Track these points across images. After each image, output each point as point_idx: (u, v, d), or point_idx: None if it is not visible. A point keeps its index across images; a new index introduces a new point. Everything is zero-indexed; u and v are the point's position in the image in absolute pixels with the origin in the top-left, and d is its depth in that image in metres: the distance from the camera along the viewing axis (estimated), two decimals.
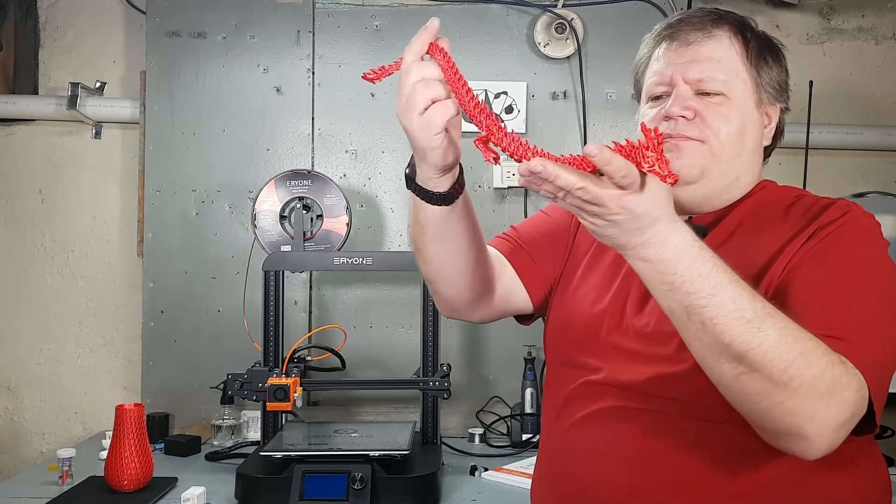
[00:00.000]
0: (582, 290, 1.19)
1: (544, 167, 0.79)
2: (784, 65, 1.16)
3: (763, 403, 0.87)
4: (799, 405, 0.86)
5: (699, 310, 0.85)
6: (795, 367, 0.84)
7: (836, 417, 0.87)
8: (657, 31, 1.15)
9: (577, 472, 1.10)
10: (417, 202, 1.02)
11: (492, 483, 1.86)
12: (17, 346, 2.46)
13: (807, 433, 0.87)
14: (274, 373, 1.85)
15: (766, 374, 0.85)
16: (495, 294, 1.19)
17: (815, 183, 2.15)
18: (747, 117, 1.10)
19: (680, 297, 0.86)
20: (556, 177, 0.79)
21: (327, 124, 2.37)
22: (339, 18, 2.37)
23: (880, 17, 2.53)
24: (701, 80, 1.08)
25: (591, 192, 0.80)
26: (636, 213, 0.82)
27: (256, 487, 1.67)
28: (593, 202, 0.81)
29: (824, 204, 1.07)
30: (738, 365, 0.85)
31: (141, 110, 2.38)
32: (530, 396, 2.25)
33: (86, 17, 2.47)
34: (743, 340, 0.84)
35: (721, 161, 1.09)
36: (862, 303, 0.96)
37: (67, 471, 1.81)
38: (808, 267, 1.00)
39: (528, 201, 2.34)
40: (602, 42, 2.36)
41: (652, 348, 1.07)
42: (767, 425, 0.90)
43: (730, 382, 0.88)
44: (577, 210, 0.84)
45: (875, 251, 1.02)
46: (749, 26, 1.14)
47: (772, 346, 0.84)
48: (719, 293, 0.85)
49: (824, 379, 0.85)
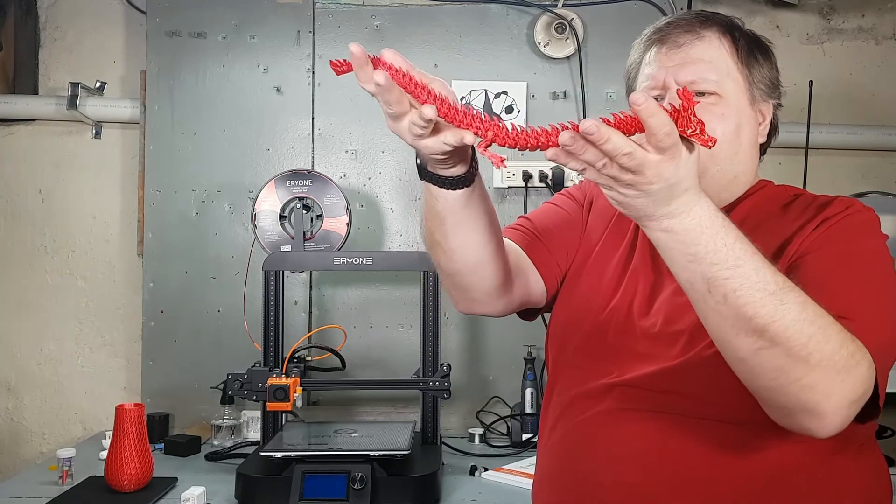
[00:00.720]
0: (589, 288, 1.19)
1: (598, 129, 0.74)
2: (774, 62, 1.17)
3: (780, 380, 0.86)
4: (817, 381, 0.85)
5: (721, 282, 0.83)
6: (815, 342, 0.84)
7: (851, 393, 0.87)
8: (647, 36, 1.16)
9: (583, 472, 1.10)
10: (435, 192, 0.99)
11: (492, 483, 1.86)
12: (17, 346, 2.46)
13: (822, 409, 0.86)
14: (274, 373, 1.85)
15: (786, 348, 0.84)
16: (515, 284, 1.17)
17: (815, 183, 2.15)
18: (742, 115, 1.11)
19: (703, 268, 0.84)
20: (608, 139, 0.75)
21: (327, 124, 2.37)
22: (339, 18, 2.37)
23: (880, 17, 2.53)
24: (693, 82, 1.09)
25: (637, 158, 0.77)
26: (671, 181, 0.80)
27: (256, 487, 1.67)
28: (635, 170, 0.78)
29: (825, 200, 1.08)
30: (759, 339, 0.84)
31: (141, 110, 2.38)
32: (530, 396, 2.25)
33: (86, 17, 2.47)
34: (766, 313, 0.83)
35: (719, 160, 1.09)
36: (868, 287, 0.97)
37: (67, 471, 1.81)
38: (816, 252, 1.00)
39: (528, 201, 2.34)
40: (602, 42, 2.36)
41: (659, 349, 1.07)
42: (782, 402, 0.89)
43: (748, 357, 0.87)
44: (609, 181, 0.81)
45: (878, 242, 1.04)
46: (737, 26, 1.14)
47: (794, 319, 0.83)
48: (743, 264, 0.83)
49: (841, 354, 0.85)
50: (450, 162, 0.94)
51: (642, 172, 0.79)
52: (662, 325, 1.08)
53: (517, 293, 1.18)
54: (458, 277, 1.12)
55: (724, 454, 1.02)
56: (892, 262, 1.02)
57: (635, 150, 0.77)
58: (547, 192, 2.31)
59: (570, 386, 1.16)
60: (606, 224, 1.23)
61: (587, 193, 1.28)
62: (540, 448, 1.24)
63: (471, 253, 1.07)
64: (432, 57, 2.36)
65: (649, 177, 0.79)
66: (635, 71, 1.17)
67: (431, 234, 1.07)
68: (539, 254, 1.21)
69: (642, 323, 1.10)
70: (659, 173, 0.79)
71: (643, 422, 1.06)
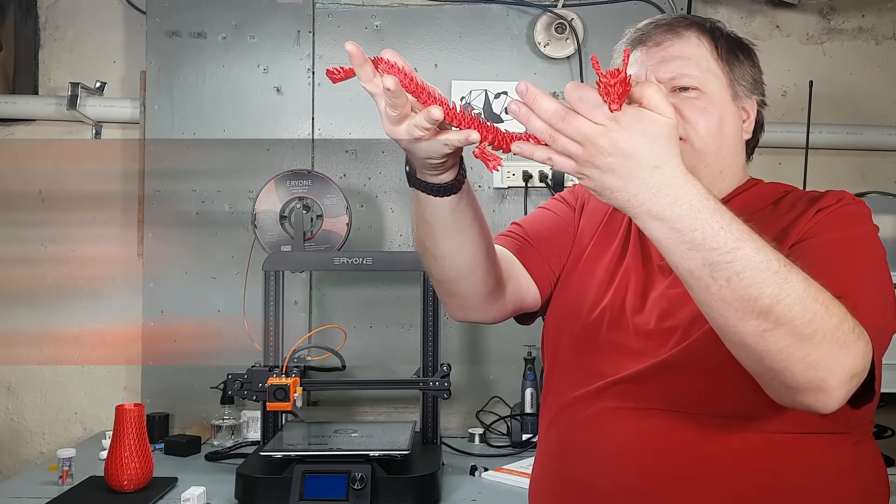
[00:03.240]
0: (582, 287, 1.19)
1: (527, 88, 0.79)
2: (756, 62, 1.18)
3: (786, 361, 0.85)
4: (822, 357, 0.84)
5: (724, 266, 0.82)
6: (819, 318, 0.83)
7: (853, 367, 0.87)
8: (628, 37, 1.17)
9: (580, 472, 1.10)
10: (423, 199, 0.99)
11: (492, 483, 1.86)
12: (17, 346, 2.45)
13: (828, 385, 0.86)
14: (274, 373, 1.85)
15: (791, 327, 0.83)
16: (507, 290, 1.17)
17: (815, 183, 2.15)
18: (725, 110, 1.12)
19: (703, 254, 0.82)
20: (535, 99, 0.79)
21: (327, 124, 2.37)
22: (339, 18, 2.37)
23: (880, 17, 2.53)
24: (674, 78, 1.10)
25: (573, 124, 0.79)
26: (627, 151, 0.79)
27: (256, 487, 1.67)
28: (581, 141, 0.79)
29: (816, 194, 1.10)
30: (764, 321, 0.83)
31: (141, 110, 2.38)
32: (530, 396, 2.25)
33: (86, 17, 2.47)
34: (771, 293, 0.82)
35: (705, 156, 1.10)
36: (864, 272, 0.98)
37: (67, 471, 1.81)
38: (813, 239, 1.01)
39: (528, 201, 2.34)
40: (602, 42, 2.35)
41: (653, 346, 1.07)
42: (788, 381, 0.87)
43: (752, 341, 0.85)
44: (571, 165, 0.81)
45: (871, 230, 1.05)
46: (717, 27, 1.16)
47: (799, 297, 0.83)
48: (743, 245, 0.82)
49: (842, 329, 0.85)
50: (441, 168, 0.94)
51: (592, 142, 0.79)
52: (657, 321, 1.08)
53: (510, 299, 1.18)
54: (448, 284, 1.12)
55: (721, 450, 1.02)
56: (884, 252, 1.04)
57: (568, 115, 0.79)
58: (547, 192, 2.31)
59: (566, 385, 1.16)
60: (598, 225, 1.23)
61: (579, 197, 1.29)
62: (537, 448, 1.24)
63: (461, 260, 1.07)
64: (432, 57, 2.36)
65: (601, 146, 0.79)
66: None
67: (422, 242, 1.07)
68: (531, 259, 1.21)
69: (636, 320, 1.11)
70: (612, 142, 0.79)
71: (638, 420, 1.06)
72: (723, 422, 1.01)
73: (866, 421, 1.09)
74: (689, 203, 0.81)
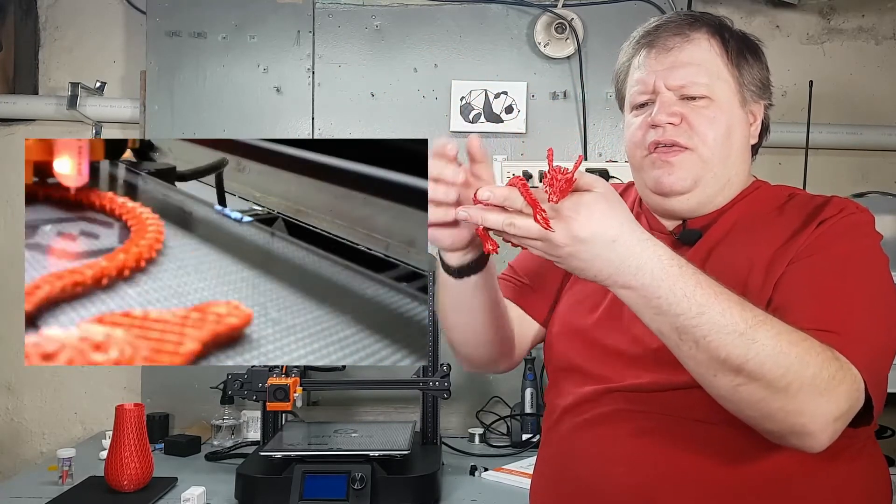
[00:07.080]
0: (579, 297, 1.19)
1: (468, 213, 0.84)
2: (764, 62, 1.16)
3: (764, 409, 0.88)
4: (800, 406, 0.86)
5: (690, 329, 0.85)
6: (793, 372, 0.85)
7: (835, 411, 0.88)
8: (635, 39, 1.16)
9: (581, 474, 1.10)
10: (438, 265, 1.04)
11: (492, 483, 1.86)
12: (17, 346, 2.45)
13: (810, 430, 0.88)
14: (274, 373, 1.85)
15: (764, 382, 0.85)
16: (516, 346, 1.22)
17: (815, 183, 2.15)
18: (733, 118, 1.10)
19: (669, 319, 0.85)
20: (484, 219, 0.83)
21: (327, 124, 2.37)
22: (339, 18, 2.37)
23: (880, 17, 2.53)
24: (683, 86, 1.09)
25: (518, 225, 0.82)
26: (581, 237, 0.82)
27: (256, 487, 1.67)
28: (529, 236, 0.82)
29: (820, 202, 1.08)
30: (736, 377, 0.86)
31: (141, 110, 2.38)
32: (530, 396, 2.25)
33: (86, 17, 2.47)
34: (738, 354, 0.84)
35: (712, 166, 1.09)
36: (854, 296, 0.97)
37: (67, 471, 1.81)
38: (806, 260, 1.01)
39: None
40: (602, 42, 2.35)
41: (650, 351, 1.07)
42: (770, 427, 0.91)
43: (729, 395, 0.89)
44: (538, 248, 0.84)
45: (871, 242, 1.04)
46: (726, 26, 1.14)
47: (768, 354, 0.84)
48: (708, 310, 0.84)
49: (822, 377, 0.86)
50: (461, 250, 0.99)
51: (545, 239, 0.82)
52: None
53: (519, 353, 1.24)
54: (457, 348, 1.18)
55: (722, 456, 1.01)
56: (886, 262, 1.02)
57: (515, 220, 0.82)
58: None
59: (567, 390, 1.16)
60: None
61: None
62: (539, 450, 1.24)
63: (468, 333, 1.13)
64: (432, 57, 2.35)
65: (555, 240, 0.82)
66: (624, 74, 1.17)
67: (439, 301, 1.11)
68: (530, 301, 1.24)
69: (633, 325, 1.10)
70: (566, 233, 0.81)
71: (640, 423, 1.06)
72: (725, 427, 1.00)
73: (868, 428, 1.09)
74: (650, 272, 0.84)
